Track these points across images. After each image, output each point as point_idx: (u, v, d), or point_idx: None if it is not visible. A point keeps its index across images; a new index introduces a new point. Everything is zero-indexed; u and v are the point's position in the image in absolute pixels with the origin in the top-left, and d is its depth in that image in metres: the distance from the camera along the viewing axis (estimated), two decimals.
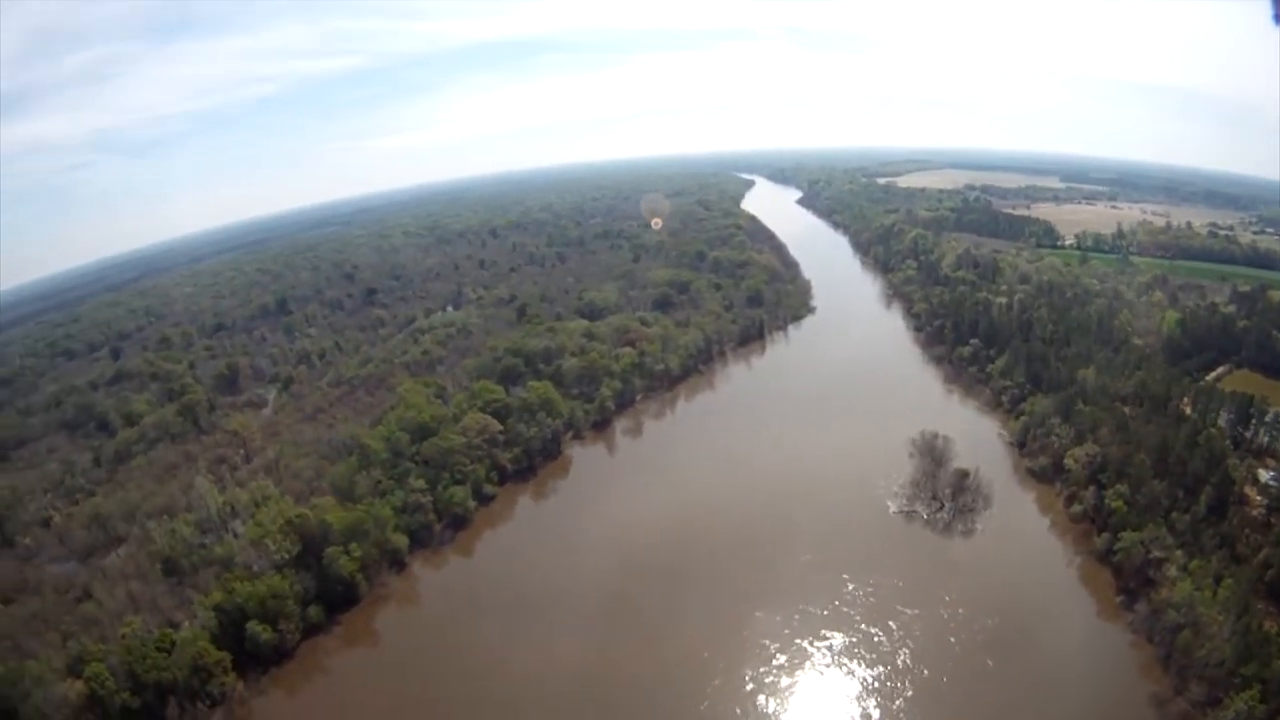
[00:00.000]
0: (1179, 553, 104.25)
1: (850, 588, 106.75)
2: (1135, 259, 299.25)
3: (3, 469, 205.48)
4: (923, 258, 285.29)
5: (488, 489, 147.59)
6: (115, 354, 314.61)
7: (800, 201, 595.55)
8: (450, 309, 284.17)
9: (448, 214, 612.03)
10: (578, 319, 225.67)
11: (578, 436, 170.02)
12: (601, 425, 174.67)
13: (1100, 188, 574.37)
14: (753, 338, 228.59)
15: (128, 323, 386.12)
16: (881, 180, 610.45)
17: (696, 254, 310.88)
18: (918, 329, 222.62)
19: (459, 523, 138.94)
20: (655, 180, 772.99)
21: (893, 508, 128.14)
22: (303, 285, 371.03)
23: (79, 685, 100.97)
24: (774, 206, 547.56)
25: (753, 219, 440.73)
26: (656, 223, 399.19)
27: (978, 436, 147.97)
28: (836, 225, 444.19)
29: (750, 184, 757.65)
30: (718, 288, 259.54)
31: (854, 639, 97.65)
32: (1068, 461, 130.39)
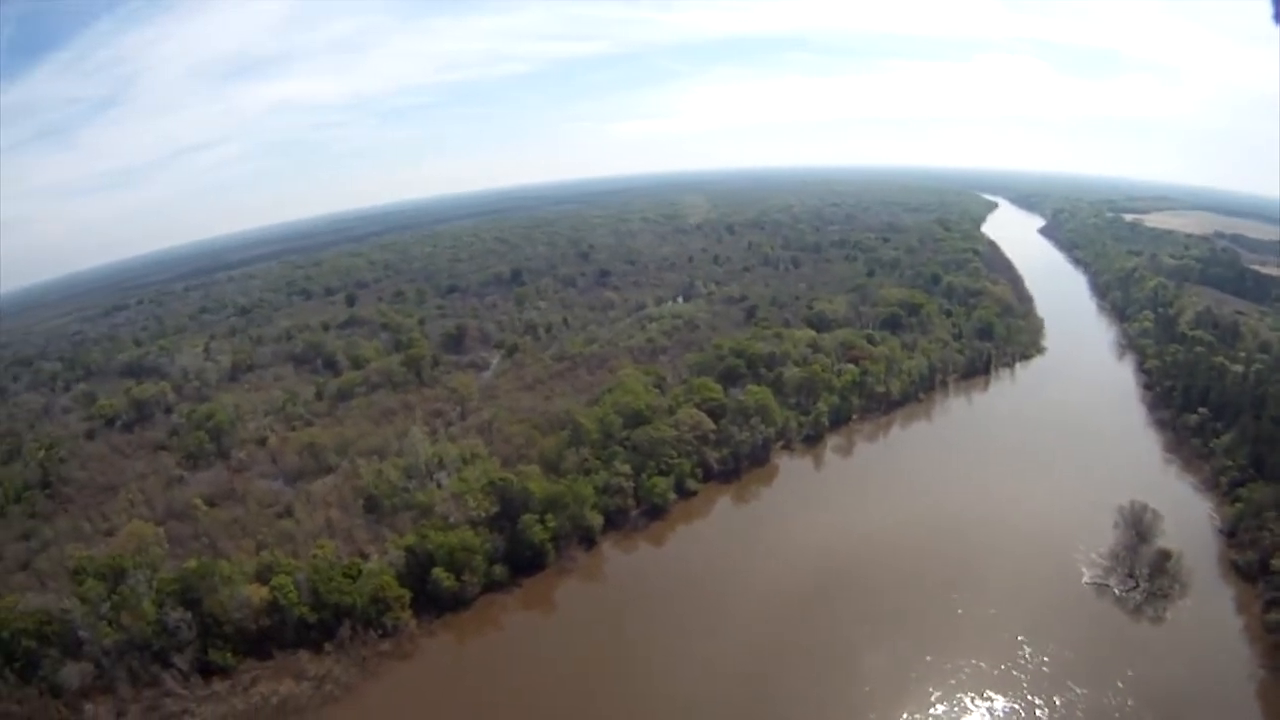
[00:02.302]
0: None
1: (1025, 651, 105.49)
2: None
3: (230, 388, 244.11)
4: (1161, 310, 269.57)
5: (690, 484, 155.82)
6: (350, 300, 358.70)
7: (1042, 231, 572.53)
8: (680, 300, 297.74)
9: (686, 205, 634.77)
10: (805, 328, 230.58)
11: (788, 447, 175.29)
12: (813, 440, 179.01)
13: None
14: (977, 371, 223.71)
15: (366, 273, 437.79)
16: (1128, 217, 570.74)
17: (931, 276, 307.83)
18: (1146, 387, 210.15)
19: (656, 512, 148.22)
20: (897, 192, 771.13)
21: (1086, 576, 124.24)
22: (538, 259, 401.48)
23: (263, 591, 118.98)
24: (1014, 234, 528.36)
25: (992, 245, 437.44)
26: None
27: (1187, 516, 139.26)
28: (1077, 262, 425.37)
29: (993, 206, 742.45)
30: (948, 314, 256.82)
31: (1016, 705, 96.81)
32: (1275, 562, 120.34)
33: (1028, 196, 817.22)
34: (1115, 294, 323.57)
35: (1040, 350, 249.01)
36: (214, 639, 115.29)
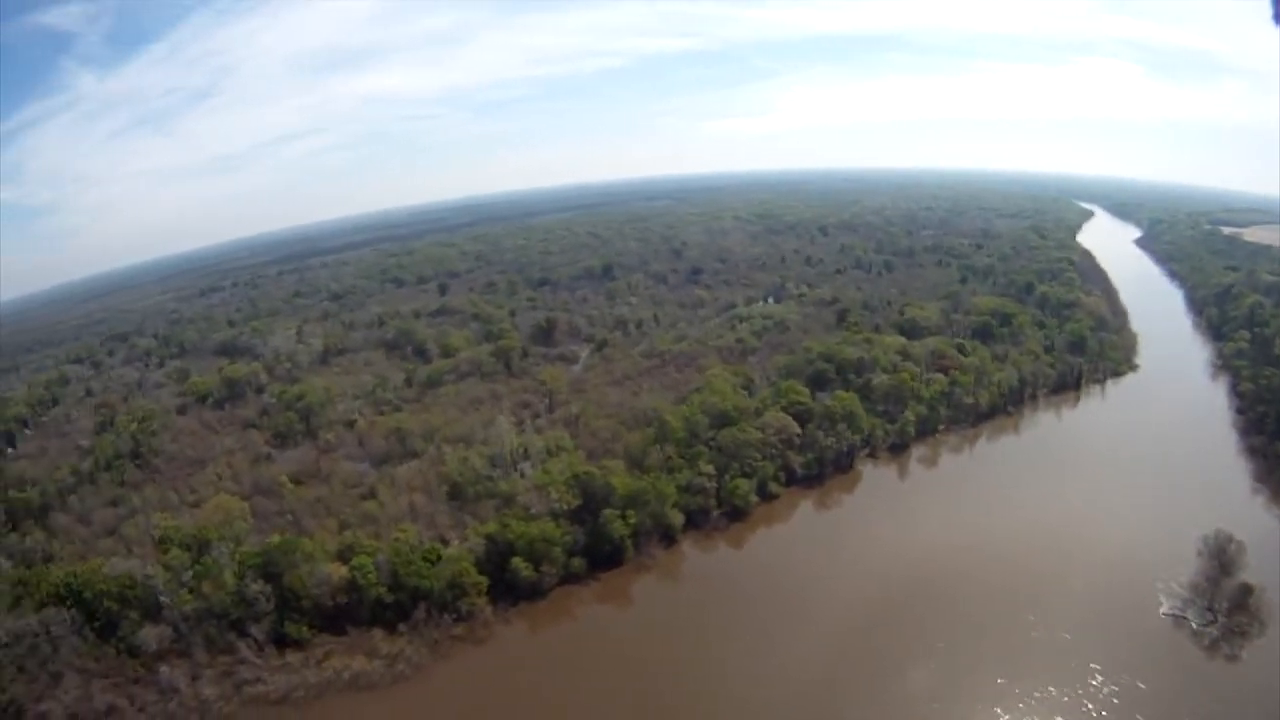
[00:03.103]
0: None
1: (1097, 680, 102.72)
2: None
3: (321, 371, 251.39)
4: (1257, 330, 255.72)
5: (772, 488, 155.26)
6: (442, 290, 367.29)
7: (1138, 242, 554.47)
8: (771, 300, 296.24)
9: (779, 205, 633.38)
10: (895, 334, 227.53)
11: (873, 455, 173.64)
12: (898, 449, 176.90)
13: None
14: (1068, 386, 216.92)
15: (458, 264, 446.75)
16: (1226, 230, 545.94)
17: (1025, 285, 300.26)
18: (1239, 411, 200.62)
19: (736, 514, 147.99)
20: (992, 198, 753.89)
21: (1164, 606, 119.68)
22: (630, 254, 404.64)
23: (342, 569, 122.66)
24: (1110, 244, 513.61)
25: (1087, 254, 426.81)
26: None
27: (1273, 550, 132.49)
28: (1172, 275, 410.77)
29: (1089, 214, 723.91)
30: (1041, 325, 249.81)
31: None
32: None
33: (1123, 205, 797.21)
34: (1211, 311, 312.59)
35: (1133, 367, 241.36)
36: (291, 612, 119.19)
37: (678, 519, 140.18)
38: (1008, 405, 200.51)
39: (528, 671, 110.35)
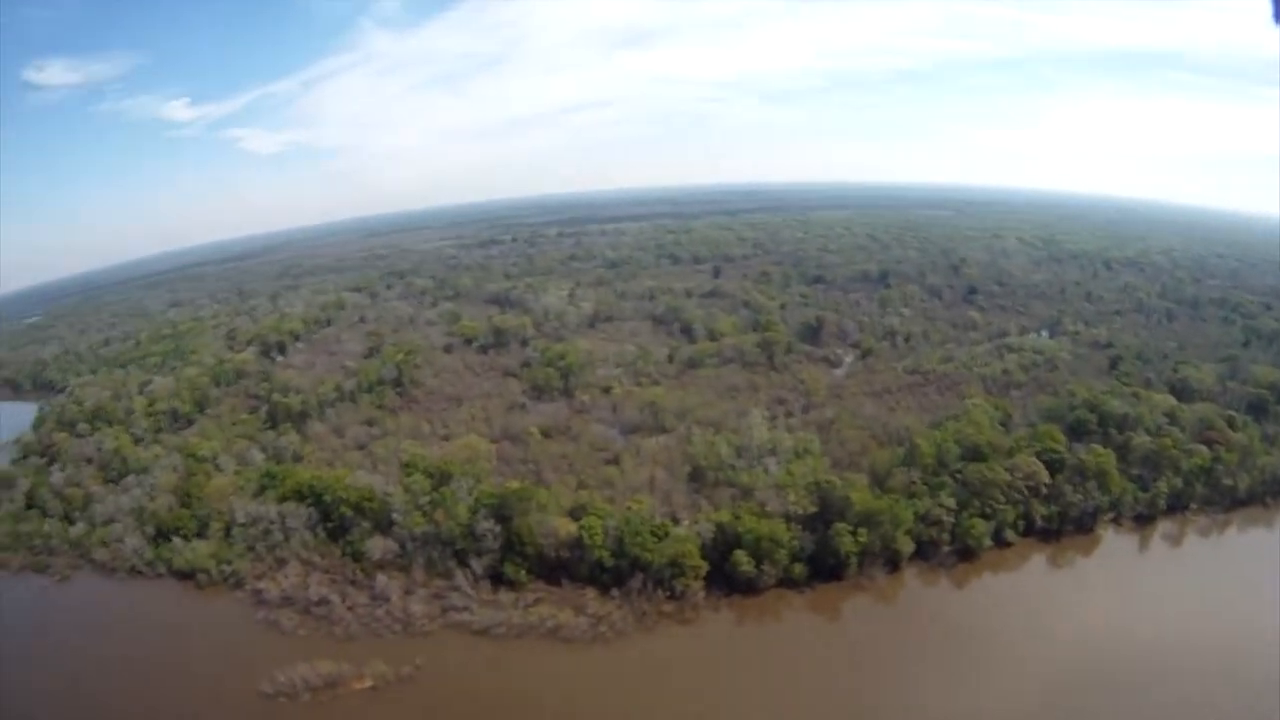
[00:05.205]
0: None
1: None
2: None
3: (586, 334, 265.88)
4: None
5: (1009, 534, 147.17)
6: (716, 272, 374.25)
7: None
8: (1044, 334, 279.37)
9: (1062, 230, 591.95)
10: (1165, 392, 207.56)
11: (1116, 521, 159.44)
12: (1144, 519, 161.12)
13: None
14: None
15: (734, 248, 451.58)
16: None
17: None
18: None
19: (966, 553, 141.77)
20: None
21: None
22: (907, 263, 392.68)
23: (571, 526, 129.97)
24: None
25: None
26: None
27: None
28: None
29: None
30: None
31: None
32: None
33: None
34: None
35: None
36: (513, 555, 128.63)
37: (907, 546, 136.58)
38: (1267, 495, 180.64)
39: (720, 660, 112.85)
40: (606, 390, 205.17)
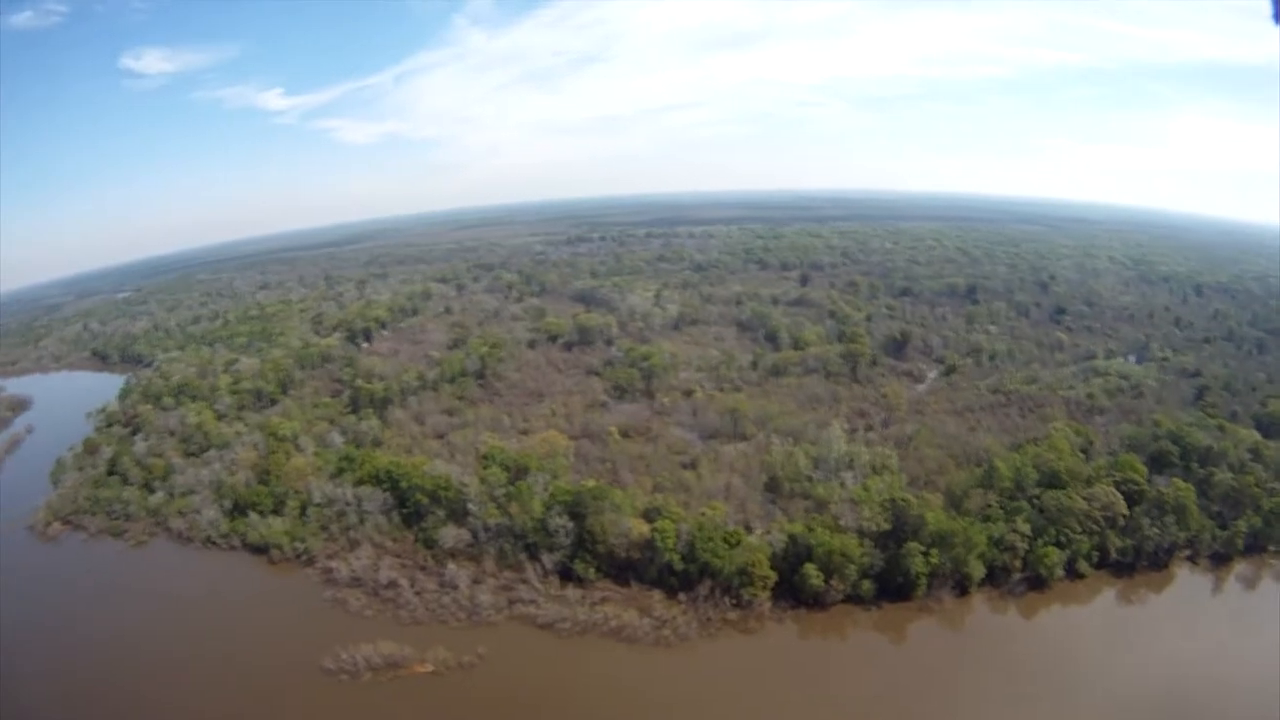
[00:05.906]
0: None
1: None
2: None
3: (671, 337, 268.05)
4: None
5: (1081, 566, 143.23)
6: (803, 280, 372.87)
7: None
8: (1131, 359, 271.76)
9: (1155, 251, 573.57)
10: (1250, 426, 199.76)
11: (1192, 559, 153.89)
12: (1220, 559, 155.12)
13: None
14: None
15: (823, 256, 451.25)
16: None
17: None
18: None
19: (1037, 582, 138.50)
20: None
21: None
22: (996, 279, 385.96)
23: (644, 527, 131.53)
24: None
25: None
26: None
27: None
28: None
29: None
30: None
31: None
32: None
33: None
34: None
35: None
36: (584, 552, 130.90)
37: (978, 571, 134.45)
38: None
39: (780, 676, 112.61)
40: (688, 394, 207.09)
